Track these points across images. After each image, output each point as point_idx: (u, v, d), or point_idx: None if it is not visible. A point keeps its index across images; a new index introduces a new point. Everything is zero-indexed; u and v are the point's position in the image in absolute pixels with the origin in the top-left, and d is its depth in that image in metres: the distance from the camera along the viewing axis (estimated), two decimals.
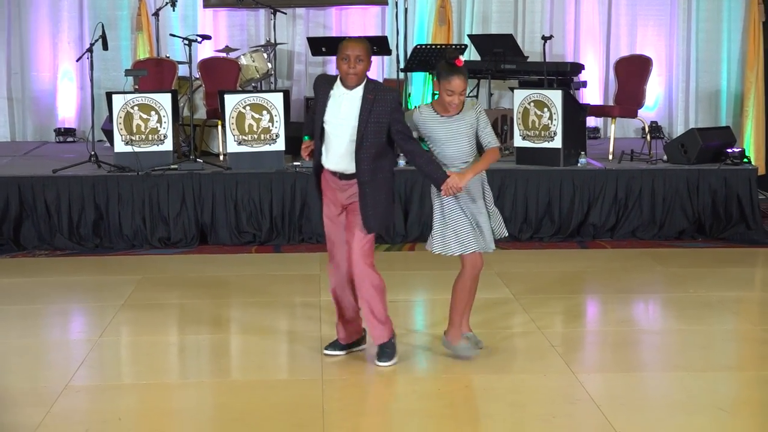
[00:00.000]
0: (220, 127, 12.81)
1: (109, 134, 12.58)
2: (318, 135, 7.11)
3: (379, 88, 7.09)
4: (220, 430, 6.22)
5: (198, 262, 10.86)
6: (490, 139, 7.32)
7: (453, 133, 7.25)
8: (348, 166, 7.08)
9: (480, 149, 7.38)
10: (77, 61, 13.80)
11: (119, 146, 11.82)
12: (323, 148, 7.13)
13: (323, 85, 7.14)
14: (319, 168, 7.24)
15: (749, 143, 14.64)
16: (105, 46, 12.42)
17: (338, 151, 7.08)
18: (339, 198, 7.21)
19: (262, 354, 7.78)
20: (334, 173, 7.14)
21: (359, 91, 7.03)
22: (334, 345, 7.57)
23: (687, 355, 7.83)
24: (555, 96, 12.10)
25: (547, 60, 13.56)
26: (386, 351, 7.39)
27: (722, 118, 15.29)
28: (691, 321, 8.78)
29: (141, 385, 7.23)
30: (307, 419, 6.30)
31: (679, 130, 14.85)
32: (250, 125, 11.72)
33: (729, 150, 12.42)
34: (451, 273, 7.60)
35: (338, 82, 7.05)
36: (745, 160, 12.54)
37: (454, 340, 7.58)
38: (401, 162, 12.08)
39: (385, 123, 7.00)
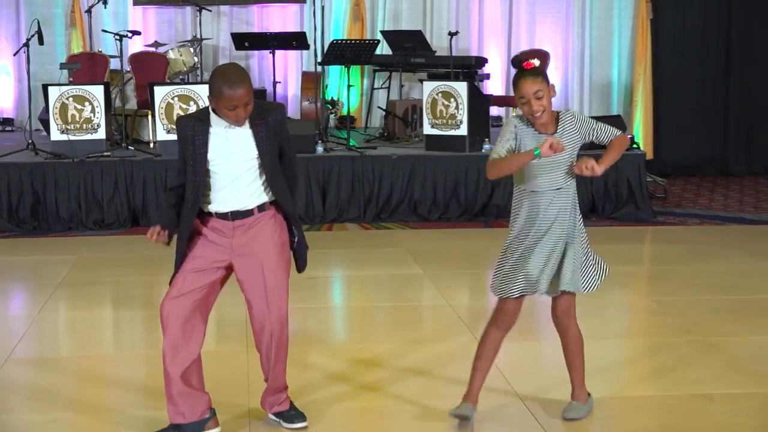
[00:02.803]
0: (150, 117, 12.74)
1: (45, 124, 12.48)
2: (199, 179, 5.48)
3: (263, 109, 5.56)
4: (152, 398, 6.21)
5: (130, 243, 10.79)
6: (608, 132, 5.77)
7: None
8: (246, 203, 5.53)
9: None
10: (14, 55, 13.74)
11: (55, 135, 11.74)
12: (210, 192, 5.51)
13: (193, 124, 5.49)
14: (191, 215, 5.55)
15: (638, 131, 14.78)
16: (41, 41, 12.35)
17: (232, 189, 5.50)
18: (228, 245, 5.55)
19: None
20: (224, 216, 5.54)
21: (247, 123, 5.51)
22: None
23: (582, 324, 7.85)
24: (461, 87, 12.17)
25: (453, 54, 13.62)
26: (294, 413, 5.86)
27: (614, 107, 15.42)
28: (585, 293, 8.86)
29: (78, 357, 7.20)
30: (233, 387, 6.30)
31: None
32: (178, 115, 11.66)
33: None
34: (361, 252, 7.60)
35: (213, 117, 5.45)
36: (635, 146, 12.69)
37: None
38: (319, 149, 12.10)
39: (277, 146, 5.57)
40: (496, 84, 15.30)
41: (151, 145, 12.66)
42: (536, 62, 5.57)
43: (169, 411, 5.53)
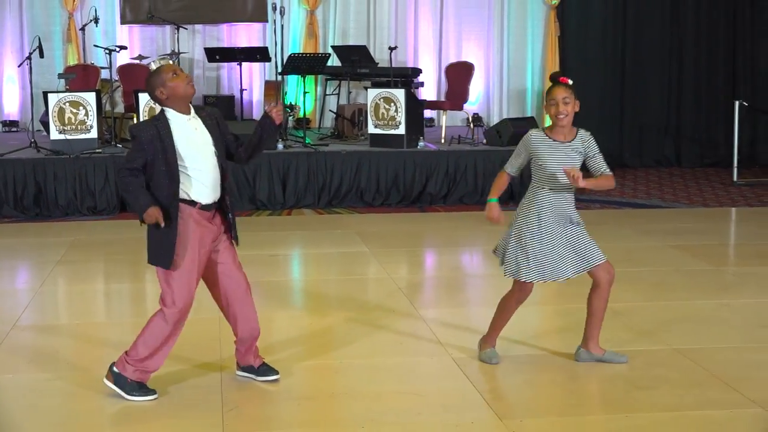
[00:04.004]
0: (135, 119, 12.63)
1: (45, 125, 12.36)
2: (174, 171, 5.20)
3: (199, 107, 5.43)
4: None
5: (119, 227, 10.71)
6: (602, 167, 5.83)
7: (561, 157, 5.78)
8: (218, 193, 5.36)
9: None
10: (19, 66, 13.64)
11: (54, 135, 11.66)
12: (188, 186, 5.24)
13: (154, 124, 5.24)
14: (176, 209, 5.25)
15: None
16: (41, 55, 12.28)
17: (207, 180, 5.29)
18: (211, 233, 5.38)
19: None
20: (205, 207, 5.31)
21: (192, 113, 5.33)
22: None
23: (501, 294, 7.90)
24: (399, 94, 12.17)
25: (392, 65, 13.62)
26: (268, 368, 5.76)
27: (528, 110, 15.47)
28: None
29: (75, 324, 7.14)
30: (207, 348, 6.27)
31: (495, 119, 14.99)
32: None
33: None
34: (316, 233, 7.56)
35: (169, 115, 5.26)
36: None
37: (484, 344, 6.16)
38: (280, 146, 12.05)
39: (219, 137, 5.36)
40: (429, 91, 15.28)
41: None
42: (570, 82, 6.02)
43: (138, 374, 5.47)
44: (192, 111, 5.35)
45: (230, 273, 5.51)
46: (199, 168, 5.29)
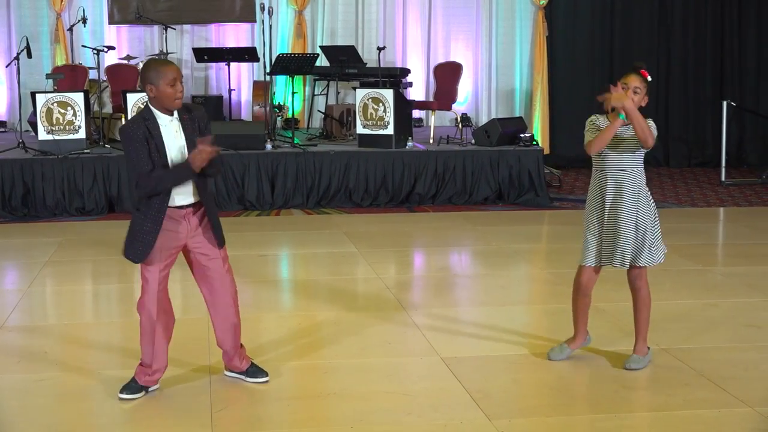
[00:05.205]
0: (123, 119, 12.61)
1: (33, 125, 12.34)
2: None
3: (189, 107, 5.40)
4: (127, 358, 6.15)
5: (107, 227, 10.69)
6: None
7: (620, 138, 5.71)
8: (193, 194, 5.34)
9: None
10: (6, 67, 13.54)
11: (42, 135, 11.62)
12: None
13: (143, 124, 5.21)
14: (164, 209, 5.29)
15: (537, 130, 14.86)
16: (29, 55, 12.25)
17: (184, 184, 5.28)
18: (183, 233, 5.36)
19: None
20: (177, 208, 5.31)
21: (175, 115, 5.30)
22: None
23: (490, 294, 7.94)
24: (388, 94, 12.17)
25: (381, 66, 13.62)
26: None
27: (516, 110, 15.48)
28: (494, 267, 8.92)
29: (63, 325, 7.12)
30: (196, 349, 6.27)
31: (483, 119, 15.00)
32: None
33: (521, 135, 12.62)
34: (304, 233, 7.56)
35: (155, 113, 5.24)
36: (534, 142, 12.74)
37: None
38: (268, 146, 12.05)
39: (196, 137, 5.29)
40: (417, 91, 15.29)
41: None
42: (649, 78, 5.82)
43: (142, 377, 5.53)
44: (175, 113, 5.31)
45: (204, 277, 5.51)
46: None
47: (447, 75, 14.16)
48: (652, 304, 6.00)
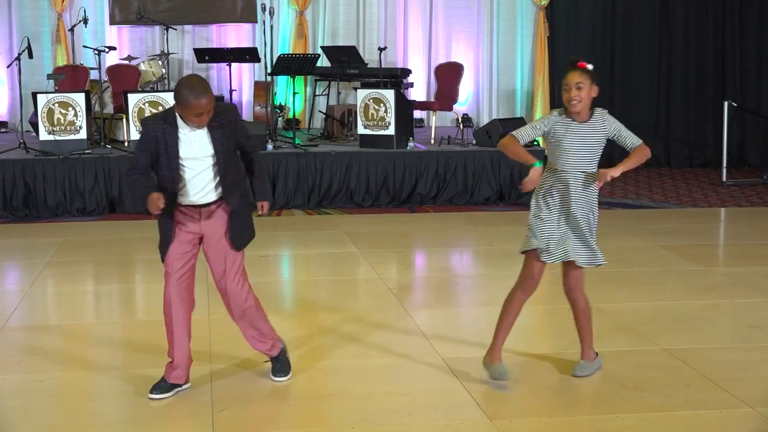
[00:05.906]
0: (124, 120, 12.61)
1: (35, 126, 12.35)
2: (175, 174, 5.33)
3: (217, 112, 5.36)
4: (129, 359, 6.16)
5: (108, 227, 10.70)
6: (633, 140, 5.73)
7: (579, 140, 5.62)
8: (208, 197, 5.44)
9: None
10: (8, 67, 13.60)
11: (43, 135, 11.64)
12: (182, 185, 5.39)
13: (162, 126, 5.30)
14: (172, 205, 5.43)
15: None
16: (30, 56, 12.27)
17: (198, 185, 5.38)
18: (196, 228, 5.51)
19: (161, 299, 7.69)
20: (191, 206, 5.45)
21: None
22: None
23: (492, 294, 7.93)
24: (389, 94, 12.17)
25: (382, 66, 13.63)
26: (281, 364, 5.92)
27: (517, 110, 15.49)
28: (495, 267, 8.92)
29: (64, 325, 7.12)
30: (197, 350, 6.25)
31: (484, 120, 15.01)
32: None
33: None
34: (306, 234, 7.56)
35: (178, 120, 5.28)
36: (535, 143, 12.72)
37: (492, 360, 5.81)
38: (269, 147, 12.05)
39: (233, 143, 5.46)
40: (418, 91, 15.30)
41: (126, 143, 12.52)
42: (590, 67, 5.64)
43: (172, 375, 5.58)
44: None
45: (207, 258, 5.61)
46: (194, 172, 5.36)
47: (448, 75, 14.17)
48: (652, 304, 6.01)
